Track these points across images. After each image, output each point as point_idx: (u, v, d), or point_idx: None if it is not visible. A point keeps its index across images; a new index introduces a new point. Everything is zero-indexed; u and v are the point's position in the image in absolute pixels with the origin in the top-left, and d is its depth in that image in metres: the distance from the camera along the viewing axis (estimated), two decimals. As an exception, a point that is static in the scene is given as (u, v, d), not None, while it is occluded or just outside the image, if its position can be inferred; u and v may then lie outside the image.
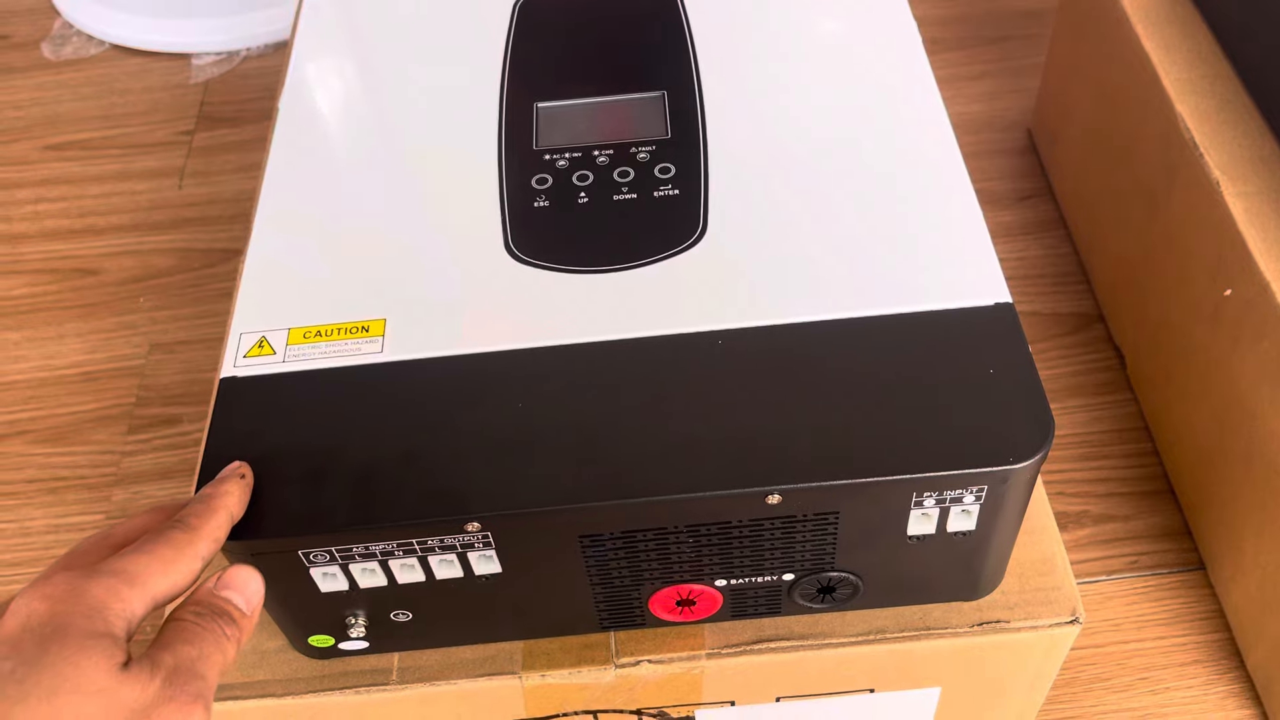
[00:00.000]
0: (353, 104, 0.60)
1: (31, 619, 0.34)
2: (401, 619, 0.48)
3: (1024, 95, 1.06)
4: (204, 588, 0.39)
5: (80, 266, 0.99)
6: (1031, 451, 0.42)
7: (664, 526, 0.44)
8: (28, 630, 0.33)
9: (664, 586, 0.47)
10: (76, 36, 1.21)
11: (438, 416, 0.45)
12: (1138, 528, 0.76)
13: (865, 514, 0.44)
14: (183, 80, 1.16)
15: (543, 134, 0.56)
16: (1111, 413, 0.82)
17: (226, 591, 0.39)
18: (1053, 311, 0.89)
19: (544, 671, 0.50)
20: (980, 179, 1.00)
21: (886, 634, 0.50)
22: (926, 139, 0.54)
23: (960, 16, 1.15)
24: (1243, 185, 0.66)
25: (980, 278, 0.48)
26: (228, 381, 0.47)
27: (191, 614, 0.37)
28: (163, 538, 0.38)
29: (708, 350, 0.46)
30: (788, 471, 0.42)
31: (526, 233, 0.51)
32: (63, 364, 0.92)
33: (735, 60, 0.59)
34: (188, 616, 0.37)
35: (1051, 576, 0.51)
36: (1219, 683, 0.69)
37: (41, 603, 0.34)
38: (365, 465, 0.43)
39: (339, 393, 0.46)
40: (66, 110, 1.14)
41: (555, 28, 0.63)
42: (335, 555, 0.43)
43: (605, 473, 0.42)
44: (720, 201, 0.52)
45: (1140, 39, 0.75)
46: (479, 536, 0.43)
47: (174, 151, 1.09)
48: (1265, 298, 0.61)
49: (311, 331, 0.48)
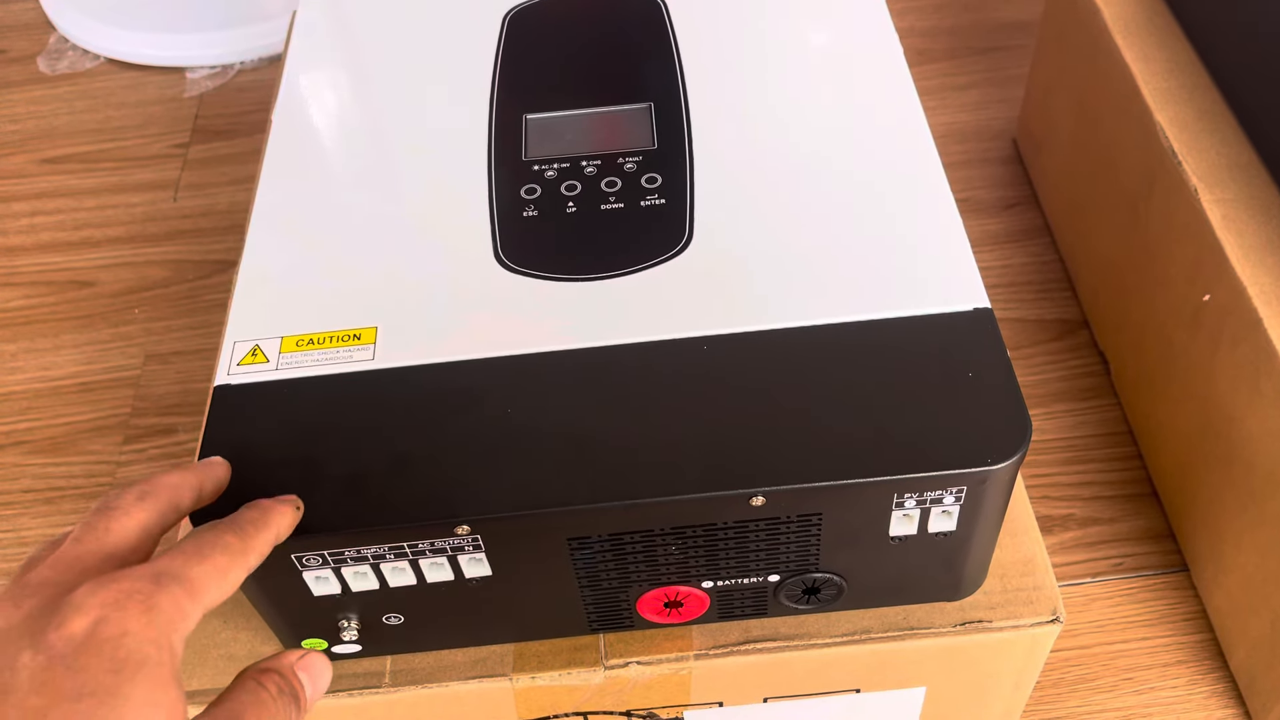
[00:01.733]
0: (345, 115, 0.61)
1: (102, 630, 0.31)
2: (393, 622, 0.49)
3: (1010, 105, 1.08)
4: (286, 661, 0.37)
5: (76, 278, 1.00)
6: (1009, 452, 0.43)
7: (650, 529, 0.45)
8: (97, 643, 0.31)
9: (652, 588, 0.48)
10: (72, 50, 1.22)
11: (428, 422, 0.45)
12: (1122, 530, 0.77)
13: (848, 515, 0.45)
14: (178, 94, 1.17)
15: (532, 144, 0.57)
16: (1096, 417, 0.83)
17: (304, 675, 0.37)
18: (1038, 318, 0.90)
19: (534, 673, 0.50)
20: (967, 187, 1.01)
21: (871, 634, 0.51)
22: (907, 147, 0.55)
23: (948, 28, 1.17)
24: (1220, 192, 0.67)
25: (959, 284, 0.49)
26: (222, 389, 0.48)
27: (273, 686, 0.35)
28: (219, 543, 0.36)
29: (693, 356, 0.47)
30: (771, 474, 0.43)
31: (515, 242, 0.52)
32: (59, 375, 0.92)
33: (721, 72, 0.60)
34: (269, 687, 0.35)
35: (1033, 577, 0.52)
36: (1202, 683, 0.70)
37: (115, 611, 0.32)
38: (357, 470, 0.44)
39: (331, 399, 0.47)
40: (62, 124, 1.15)
41: (544, 39, 0.64)
42: (327, 558, 0.44)
43: (592, 476, 0.43)
44: (706, 210, 0.53)
45: (1120, 49, 0.76)
46: (469, 539, 0.44)
47: (169, 164, 1.10)
48: (1242, 303, 0.62)
49: (304, 339, 0.49)
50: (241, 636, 0.53)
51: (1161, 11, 0.79)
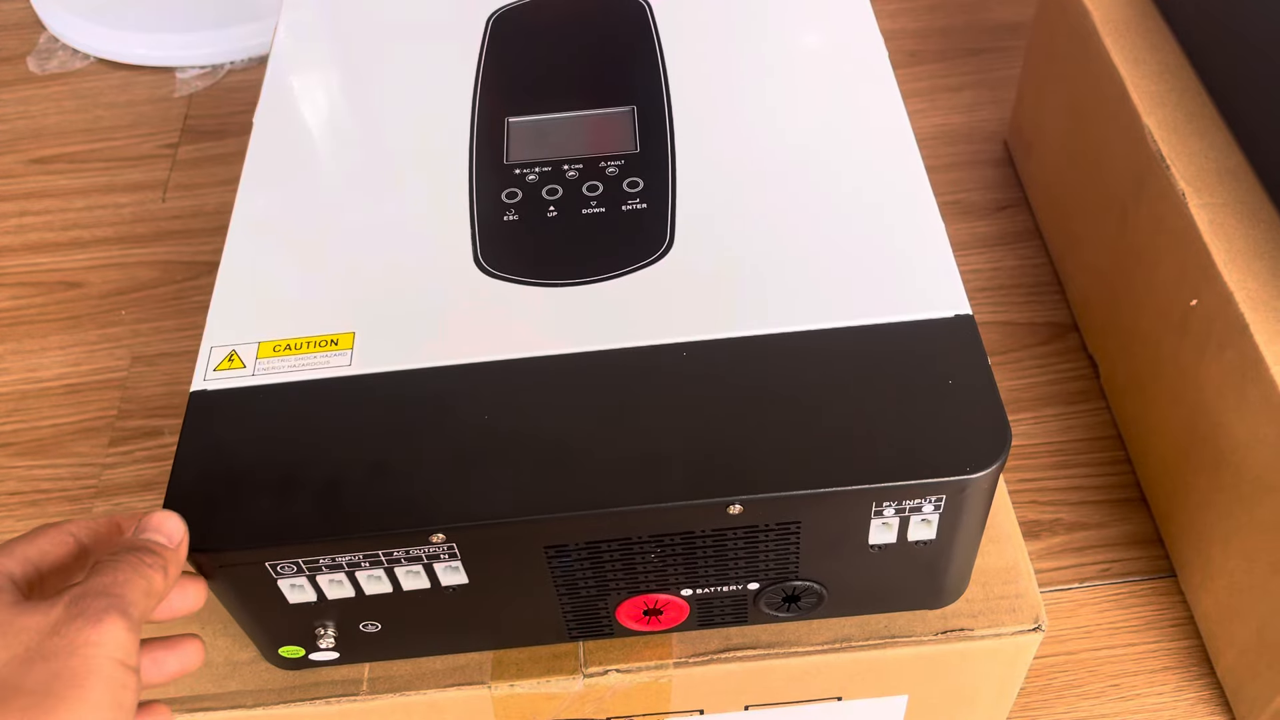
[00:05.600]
0: (326, 119, 0.61)
1: None
2: (371, 629, 0.48)
3: (1001, 107, 1.07)
4: (128, 535, 0.41)
5: (64, 279, 0.99)
6: (989, 461, 0.43)
7: (628, 537, 0.44)
8: None
9: (631, 596, 0.48)
10: (62, 50, 1.22)
11: (404, 429, 0.45)
12: (1110, 535, 0.76)
13: (827, 524, 0.44)
14: (167, 94, 1.16)
15: (513, 148, 0.57)
16: (1085, 421, 0.83)
17: (145, 534, 0.40)
18: (1028, 321, 0.90)
19: (513, 681, 0.50)
20: (958, 189, 1.01)
21: (852, 642, 0.50)
22: (891, 153, 0.54)
23: (940, 29, 1.16)
24: (1208, 197, 0.67)
25: (941, 290, 0.48)
26: (198, 395, 0.47)
27: (108, 555, 0.38)
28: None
29: (672, 362, 0.47)
30: (749, 482, 0.42)
31: (496, 246, 0.52)
32: (45, 376, 0.92)
33: (706, 75, 0.60)
34: (104, 558, 0.38)
35: (1015, 584, 0.52)
36: (1189, 689, 0.70)
37: None
38: (332, 477, 0.44)
39: (307, 406, 0.46)
40: (52, 124, 1.14)
41: (528, 42, 0.63)
42: (302, 567, 0.44)
43: (569, 484, 0.43)
44: (688, 215, 0.53)
45: (1109, 52, 0.76)
46: (444, 548, 0.43)
47: (158, 165, 1.09)
48: (1229, 308, 0.62)
49: (281, 345, 0.49)
50: (219, 643, 0.52)
51: (1152, 14, 0.78)
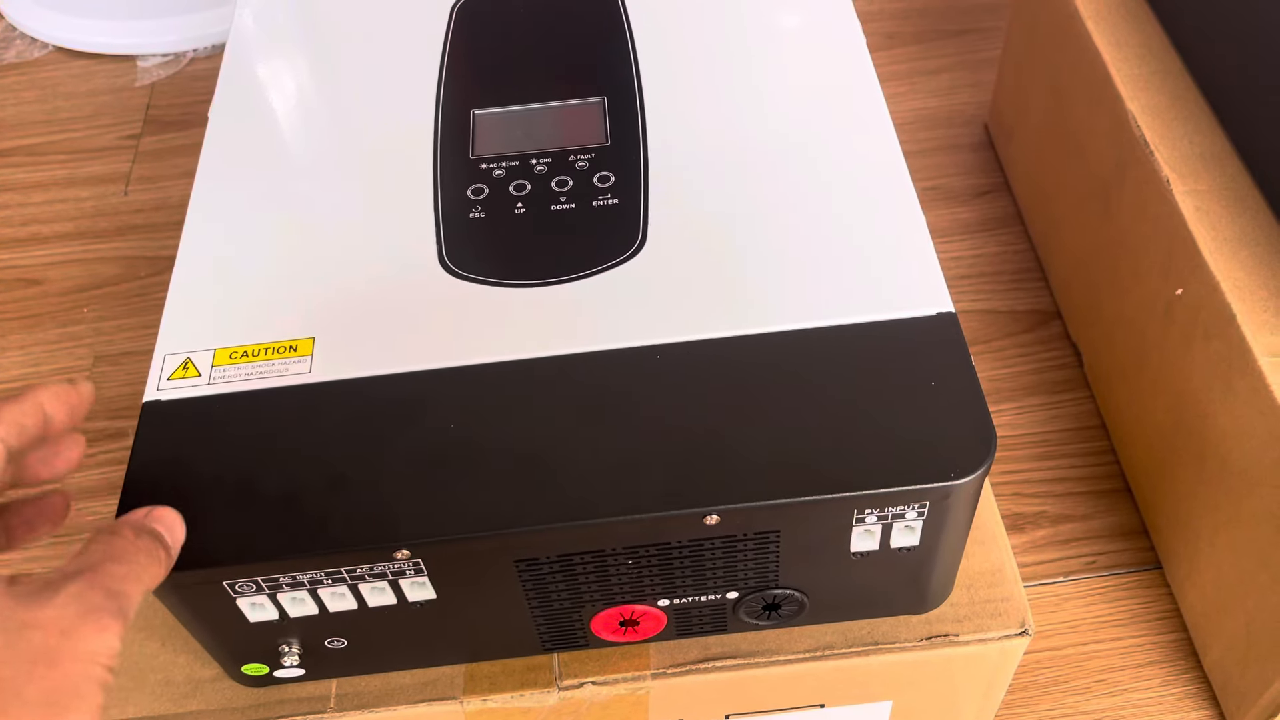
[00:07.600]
0: (285, 113, 0.58)
1: None
2: (337, 646, 0.46)
3: (982, 89, 1.06)
4: (135, 515, 0.38)
5: (23, 276, 0.97)
6: (973, 467, 0.41)
7: (602, 549, 0.43)
8: None
9: (606, 608, 0.46)
10: (20, 40, 1.18)
11: (366, 439, 0.43)
12: (1095, 527, 0.75)
13: (807, 532, 0.43)
14: (128, 83, 1.13)
15: (479, 142, 0.55)
16: (1069, 410, 0.81)
17: (158, 525, 0.38)
18: (1010, 309, 0.88)
19: (485, 695, 0.48)
20: (938, 174, 0.99)
21: (834, 650, 0.49)
22: (870, 146, 0.53)
23: (918, 10, 1.14)
24: (1193, 183, 0.65)
25: (923, 287, 0.47)
26: (150, 405, 0.45)
27: (130, 531, 0.36)
28: None
29: (645, 366, 0.45)
30: (725, 492, 0.41)
31: (461, 245, 0.50)
32: (4, 378, 0.89)
33: (679, 64, 0.58)
34: (124, 533, 0.36)
35: (1001, 587, 0.50)
36: (1176, 683, 0.69)
37: None
38: (289, 492, 0.42)
39: (264, 416, 0.44)
40: (10, 115, 1.11)
41: (493, 31, 0.61)
42: (262, 585, 0.42)
43: (539, 496, 0.41)
44: (660, 211, 0.51)
45: (1091, 34, 0.74)
46: (410, 564, 0.42)
47: (120, 156, 1.06)
48: (1215, 298, 0.61)
49: (238, 352, 0.47)
50: (180, 660, 0.50)
51: (1133, -5, 0.77)
